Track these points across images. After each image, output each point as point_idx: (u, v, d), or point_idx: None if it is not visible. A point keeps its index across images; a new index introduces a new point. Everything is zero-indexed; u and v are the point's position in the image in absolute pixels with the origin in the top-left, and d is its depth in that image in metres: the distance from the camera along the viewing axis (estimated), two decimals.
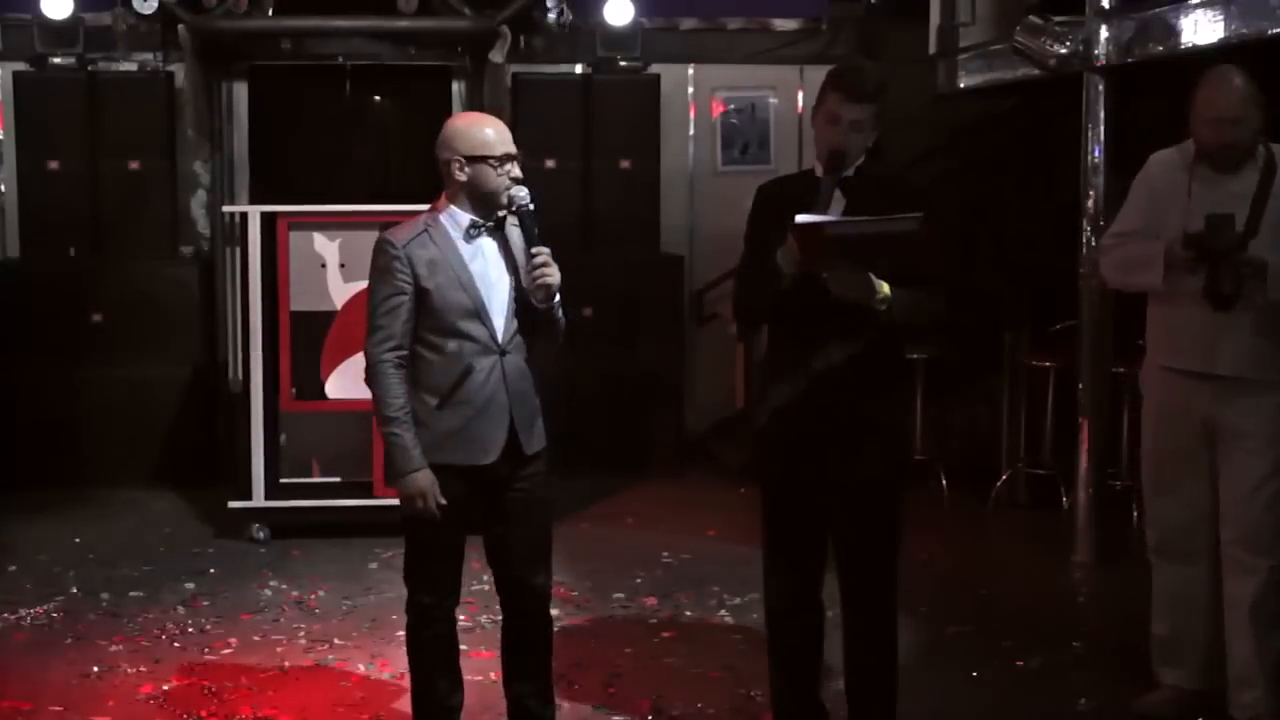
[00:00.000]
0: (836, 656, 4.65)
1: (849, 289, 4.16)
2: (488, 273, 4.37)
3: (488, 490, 4.42)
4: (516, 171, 4.36)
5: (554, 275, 4.31)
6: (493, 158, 4.33)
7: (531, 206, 4.35)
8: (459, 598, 4.57)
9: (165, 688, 5.44)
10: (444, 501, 4.32)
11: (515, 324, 4.40)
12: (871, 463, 4.34)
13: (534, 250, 4.31)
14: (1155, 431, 5.10)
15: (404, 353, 4.36)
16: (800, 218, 4.08)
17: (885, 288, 4.14)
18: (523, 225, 4.36)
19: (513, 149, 4.38)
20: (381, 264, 4.36)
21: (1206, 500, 4.99)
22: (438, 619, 4.53)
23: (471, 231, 4.37)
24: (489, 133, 4.37)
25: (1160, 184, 5.03)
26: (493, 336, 4.35)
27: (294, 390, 7.62)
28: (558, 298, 4.39)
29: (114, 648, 5.93)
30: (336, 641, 6.03)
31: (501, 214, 4.39)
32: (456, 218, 4.39)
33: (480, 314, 4.33)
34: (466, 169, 4.34)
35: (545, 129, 9.19)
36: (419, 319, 4.34)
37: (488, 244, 4.40)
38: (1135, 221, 5.06)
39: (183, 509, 8.36)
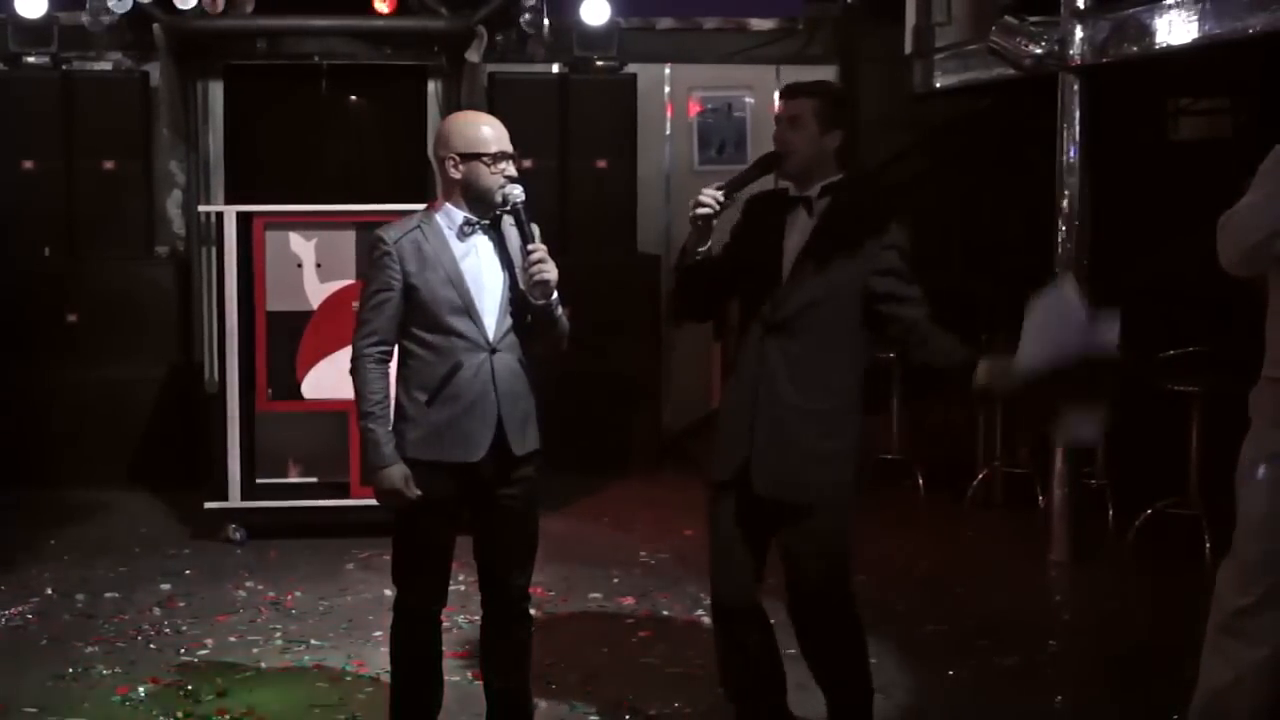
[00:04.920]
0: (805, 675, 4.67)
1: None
2: (480, 270, 4.37)
3: (477, 490, 4.41)
4: (511, 170, 4.36)
5: (551, 271, 4.29)
6: (486, 155, 4.34)
7: (523, 202, 4.34)
8: (446, 601, 4.56)
9: (141, 689, 5.42)
10: (419, 493, 4.31)
11: (509, 323, 4.38)
12: (816, 467, 4.32)
13: (530, 247, 4.31)
14: None
15: (387, 348, 4.37)
16: None
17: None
18: (518, 223, 4.35)
19: (508, 147, 4.39)
20: (373, 259, 4.38)
21: None
22: (422, 621, 4.52)
23: (465, 229, 4.37)
24: (484, 130, 4.38)
25: None
26: (483, 334, 4.34)
27: (270, 390, 7.60)
28: (556, 295, 4.37)
29: (89, 649, 5.90)
30: (313, 642, 6.01)
31: (496, 212, 4.39)
32: (451, 215, 4.39)
33: (470, 311, 4.33)
34: (461, 167, 4.35)
35: (521, 128, 8.94)
36: (410, 315, 4.35)
37: (482, 242, 4.39)
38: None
39: (158, 510, 8.33)
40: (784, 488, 4.32)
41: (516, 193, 4.33)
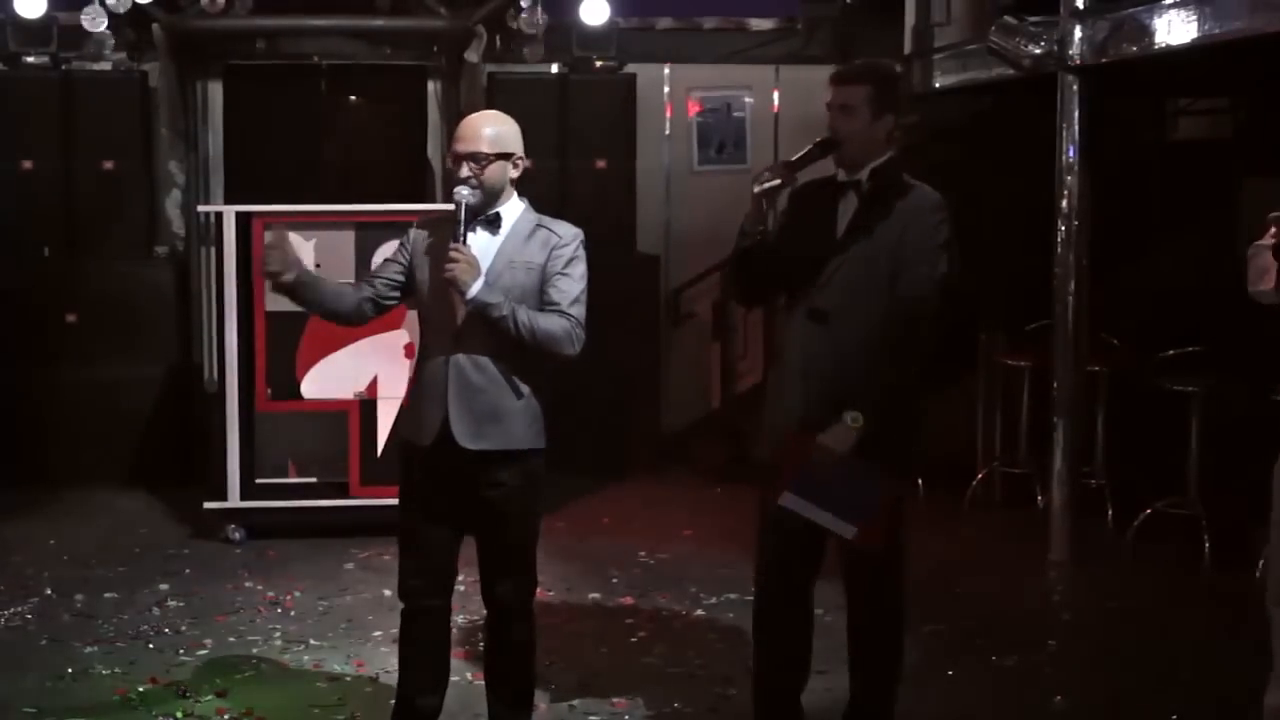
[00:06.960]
0: (818, 660, 4.68)
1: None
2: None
3: (454, 484, 4.41)
4: (465, 171, 4.37)
5: (454, 269, 4.27)
6: (450, 155, 4.46)
7: (466, 204, 4.34)
8: (447, 597, 4.57)
9: (140, 689, 5.41)
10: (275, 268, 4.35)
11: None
12: (880, 441, 4.30)
13: (452, 245, 4.32)
14: None
15: (370, 290, 4.52)
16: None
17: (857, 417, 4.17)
18: (459, 222, 4.35)
19: (467, 148, 4.38)
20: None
21: None
22: (420, 615, 4.54)
23: (465, 222, 4.38)
24: (459, 130, 4.47)
25: None
26: (453, 322, 4.37)
27: (270, 390, 7.60)
28: (480, 297, 4.28)
29: (89, 649, 5.90)
30: (312, 642, 6.01)
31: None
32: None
33: (448, 298, 4.35)
34: None
35: (521, 128, 9.15)
36: (418, 299, 4.51)
37: (481, 239, 4.41)
38: None
39: (158, 510, 8.33)
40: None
41: (462, 194, 4.36)
